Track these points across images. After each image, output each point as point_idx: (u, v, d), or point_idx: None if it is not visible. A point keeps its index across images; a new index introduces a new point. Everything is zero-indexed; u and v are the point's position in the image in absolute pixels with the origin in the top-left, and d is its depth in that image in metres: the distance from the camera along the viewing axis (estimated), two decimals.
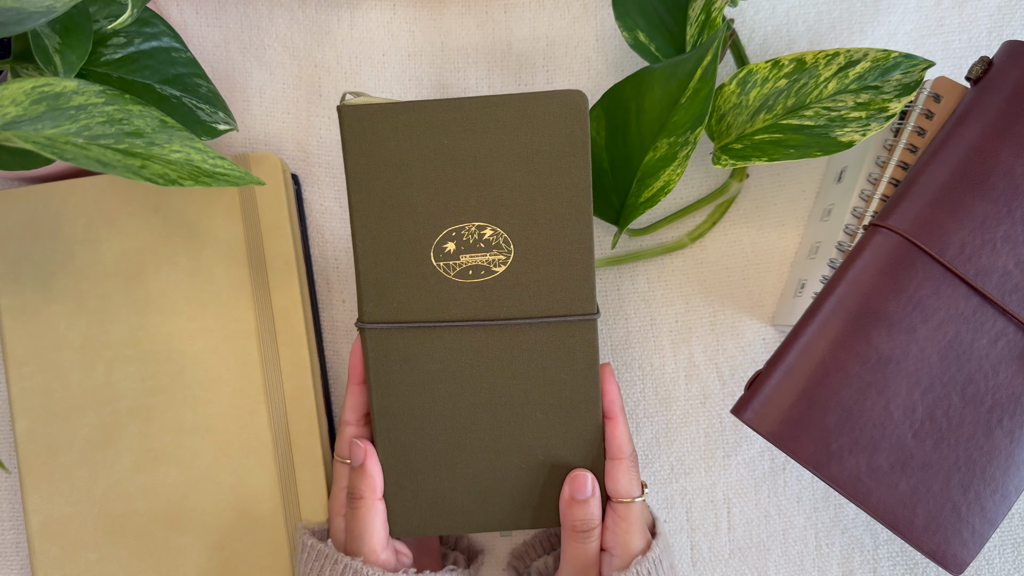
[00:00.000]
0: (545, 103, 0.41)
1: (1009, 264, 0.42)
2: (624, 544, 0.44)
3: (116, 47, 0.45)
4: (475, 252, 0.43)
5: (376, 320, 0.44)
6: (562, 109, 0.41)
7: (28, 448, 0.49)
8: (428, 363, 0.44)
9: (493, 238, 0.42)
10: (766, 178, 0.54)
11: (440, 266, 0.43)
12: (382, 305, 0.43)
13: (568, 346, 0.44)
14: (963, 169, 0.43)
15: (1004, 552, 0.52)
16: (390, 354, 0.44)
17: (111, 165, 0.35)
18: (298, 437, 0.50)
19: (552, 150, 0.41)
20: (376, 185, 0.42)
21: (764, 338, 0.53)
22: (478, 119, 0.41)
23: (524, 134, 0.41)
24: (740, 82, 0.47)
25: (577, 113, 0.41)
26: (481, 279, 0.43)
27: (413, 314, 0.43)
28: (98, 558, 0.49)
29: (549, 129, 0.41)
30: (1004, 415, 0.43)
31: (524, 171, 0.42)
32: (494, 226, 0.42)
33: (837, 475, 0.42)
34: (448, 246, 0.42)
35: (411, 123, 0.41)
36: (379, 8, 0.54)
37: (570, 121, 0.41)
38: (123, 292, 0.50)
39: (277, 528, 0.49)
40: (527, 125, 0.41)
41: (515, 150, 0.41)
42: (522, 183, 0.42)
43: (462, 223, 0.42)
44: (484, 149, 0.41)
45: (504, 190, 0.42)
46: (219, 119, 0.47)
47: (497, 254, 0.43)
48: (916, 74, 0.45)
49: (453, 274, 0.43)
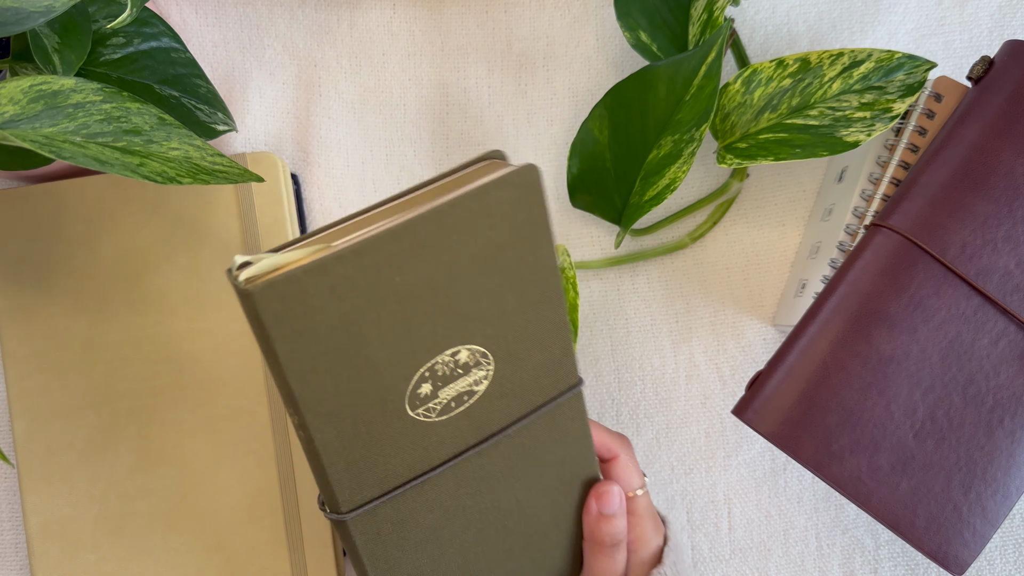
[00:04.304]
0: (497, 193, 0.33)
1: (1010, 264, 0.42)
2: (640, 538, 0.44)
3: (115, 47, 0.45)
4: (454, 382, 0.37)
5: (358, 504, 0.37)
6: (516, 192, 0.34)
7: (27, 448, 0.49)
8: (425, 515, 0.39)
9: (470, 359, 0.37)
10: (767, 178, 0.54)
11: (420, 414, 0.36)
12: (361, 486, 0.37)
13: (561, 426, 0.41)
14: (964, 169, 0.43)
15: (1005, 552, 0.52)
16: (381, 530, 0.39)
17: (109, 163, 0.35)
18: (297, 437, 0.50)
19: (514, 241, 0.35)
20: (321, 364, 0.33)
21: (765, 338, 0.53)
22: (430, 238, 0.33)
23: (482, 234, 0.34)
24: (745, 81, 0.47)
25: (533, 190, 0.34)
26: (466, 405, 0.37)
27: (400, 477, 0.37)
28: (97, 559, 0.49)
29: (507, 220, 0.34)
30: (1005, 415, 0.42)
31: (489, 275, 0.35)
32: (468, 346, 0.36)
33: (838, 475, 0.42)
34: (423, 389, 0.36)
35: (352, 275, 0.32)
36: (379, 7, 0.54)
37: (528, 202, 0.34)
38: (122, 292, 0.49)
39: (276, 529, 0.49)
40: (484, 224, 0.34)
41: (475, 256, 0.34)
42: (488, 288, 0.35)
43: (433, 358, 0.35)
44: (442, 269, 0.34)
45: (471, 304, 0.35)
46: (218, 119, 0.47)
47: (476, 372, 0.37)
48: (919, 75, 0.45)
49: (436, 415, 0.37)
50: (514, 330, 0.37)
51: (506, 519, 0.42)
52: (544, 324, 0.38)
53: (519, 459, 0.40)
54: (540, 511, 0.43)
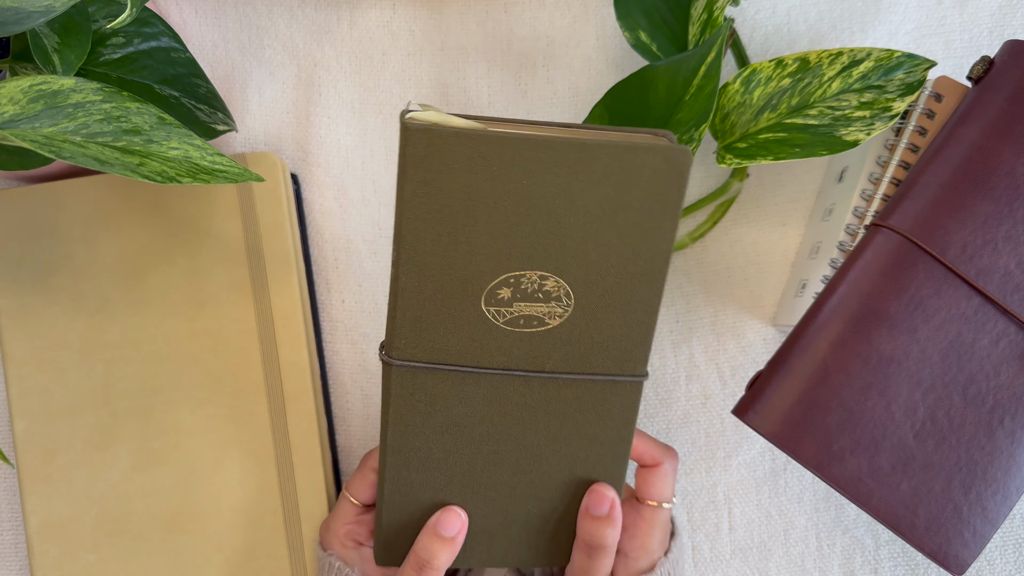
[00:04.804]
0: (646, 158, 0.36)
1: (1011, 264, 0.42)
2: (642, 547, 0.43)
3: (115, 47, 0.45)
4: (532, 302, 0.39)
5: (408, 359, 0.40)
6: (664, 166, 0.36)
7: (27, 449, 0.49)
8: (456, 407, 0.41)
9: (554, 290, 0.38)
10: (767, 177, 0.54)
11: (490, 311, 0.39)
12: (418, 344, 0.40)
13: (608, 405, 0.41)
14: (964, 169, 0.43)
15: (1006, 552, 0.52)
16: (415, 394, 0.41)
17: (109, 163, 0.35)
18: (297, 438, 0.50)
19: (641, 208, 0.37)
20: (434, 218, 0.37)
21: (765, 338, 0.53)
22: (568, 164, 0.36)
23: (614, 187, 0.36)
24: (744, 81, 0.47)
25: (678, 175, 0.36)
26: (532, 329, 0.39)
27: (450, 357, 0.40)
28: (97, 559, 0.49)
29: (643, 186, 0.36)
30: (1006, 415, 0.42)
31: (604, 225, 0.37)
32: (558, 278, 0.38)
33: (838, 476, 0.42)
34: (503, 292, 0.38)
35: (489, 157, 0.35)
36: (379, 7, 0.54)
37: (668, 182, 0.36)
38: (122, 292, 0.49)
39: (276, 529, 0.49)
40: (620, 178, 0.36)
41: (600, 203, 0.37)
42: (599, 238, 0.37)
43: (523, 270, 0.38)
44: (565, 197, 0.36)
45: (577, 242, 0.37)
46: (218, 119, 0.47)
47: (555, 307, 0.39)
48: (919, 74, 0.45)
49: (502, 321, 0.39)
50: (605, 288, 0.38)
51: (521, 458, 0.42)
52: (634, 301, 0.39)
53: (556, 413, 0.41)
54: (555, 472, 0.43)
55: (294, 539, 0.49)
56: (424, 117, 0.35)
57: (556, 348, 0.40)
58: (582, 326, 0.39)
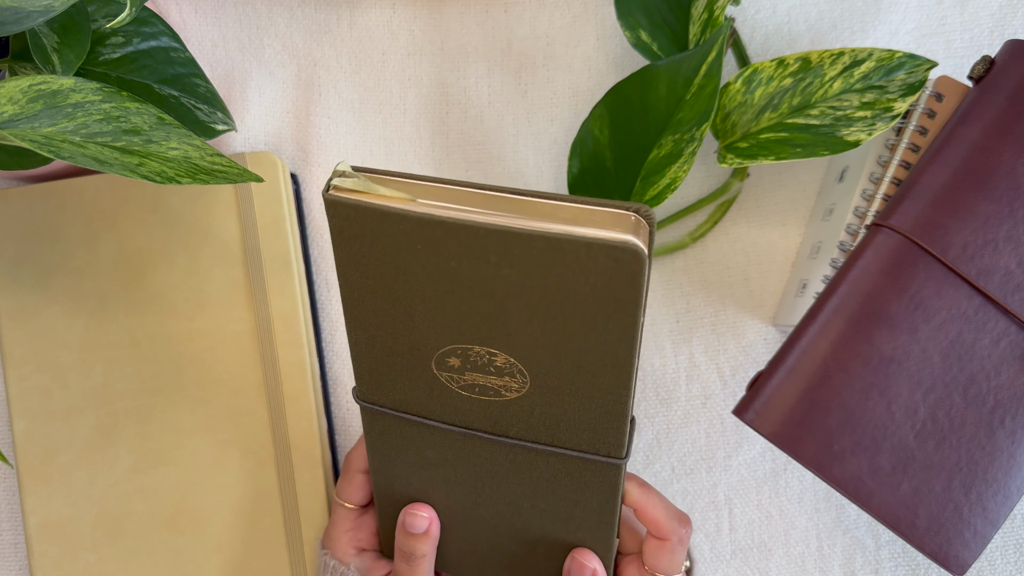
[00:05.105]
0: (585, 254, 0.30)
1: (1011, 264, 0.42)
2: None
3: (114, 47, 0.45)
4: (484, 374, 0.36)
5: (372, 402, 0.39)
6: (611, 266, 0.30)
7: (26, 449, 0.49)
8: (426, 450, 0.40)
9: (506, 366, 0.35)
10: (767, 177, 0.54)
11: (443, 376, 0.36)
12: (378, 392, 0.38)
13: (585, 478, 0.38)
14: (965, 169, 0.43)
15: (1006, 553, 0.52)
16: (385, 433, 0.40)
17: (108, 163, 0.35)
18: (297, 438, 0.49)
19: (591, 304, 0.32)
20: (370, 285, 0.34)
21: (766, 338, 0.53)
22: (493, 252, 0.31)
23: (553, 281, 0.31)
24: (745, 81, 0.47)
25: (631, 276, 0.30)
26: (489, 399, 0.36)
27: (411, 408, 0.38)
28: (96, 559, 0.49)
29: (590, 282, 0.31)
30: (1006, 416, 0.42)
31: (551, 315, 0.33)
32: (507, 355, 0.34)
33: (839, 476, 0.42)
34: (452, 361, 0.35)
35: (412, 236, 0.32)
36: (379, 7, 0.54)
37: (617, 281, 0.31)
38: (121, 292, 0.49)
39: (276, 529, 0.49)
40: (558, 272, 0.31)
41: (541, 294, 0.32)
42: (547, 326, 0.33)
43: (470, 344, 0.34)
44: (502, 283, 0.32)
45: (523, 326, 0.33)
46: (217, 119, 0.47)
47: (509, 381, 0.35)
48: (920, 74, 0.45)
49: (457, 386, 0.36)
50: (561, 372, 0.34)
51: (500, 505, 0.41)
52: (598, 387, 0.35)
53: (530, 474, 0.39)
54: (536, 525, 0.42)
55: (294, 539, 0.49)
56: (348, 186, 0.32)
57: (518, 418, 0.37)
58: (543, 404, 0.36)
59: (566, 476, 0.38)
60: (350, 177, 0.32)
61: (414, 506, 0.43)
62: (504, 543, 0.43)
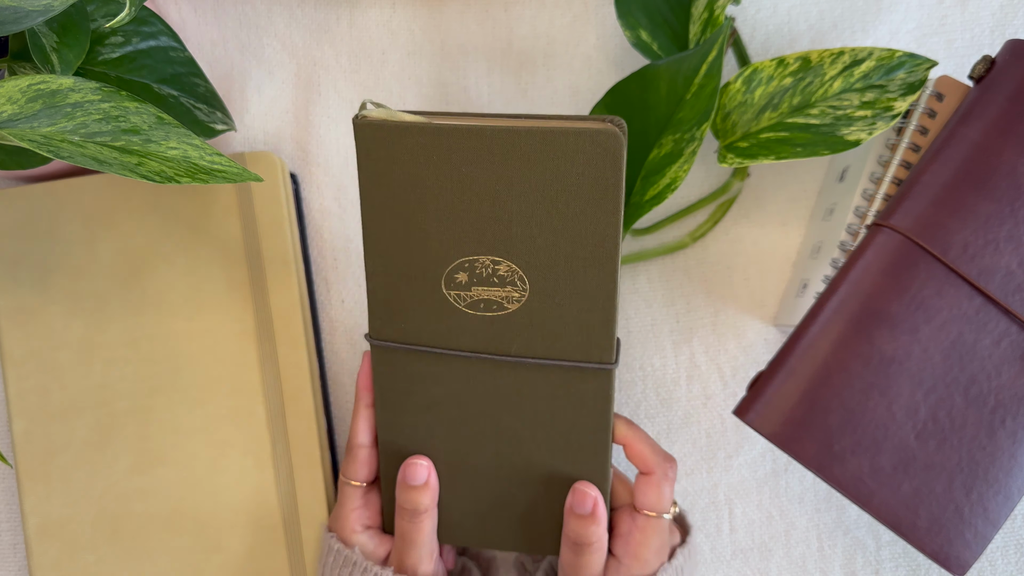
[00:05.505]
0: (575, 142, 0.37)
1: (1012, 264, 0.42)
2: (635, 556, 0.43)
3: (114, 46, 0.45)
4: (488, 286, 0.40)
5: (384, 338, 0.42)
6: (594, 150, 0.37)
7: (25, 449, 0.49)
8: (434, 387, 0.43)
9: (508, 275, 0.40)
10: (768, 177, 0.53)
11: (451, 295, 0.41)
12: (390, 325, 0.42)
13: (580, 392, 0.42)
14: (966, 168, 0.43)
15: (1007, 553, 0.52)
16: (396, 372, 0.43)
17: (108, 163, 0.35)
18: (296, 438, 0.49)
19: (580, 193, 0.38)
20: (389, 205, 0.39)
21: (766, 338, 0.53)
22: (499, 151, 0.37)
23: (550, 173, 0.38)
24: (745, 80, 0.47)
25: (612, 157, 0.37)
26: (493, 313, 0.41)
27: (421, 338, 0.42)
28: (96, 559, 0.49)
29: (578, 171, 0.37)
30: (1007, 416, 0.42)
31: (546, 211, 0.38)
32: (509, 262, 0.39)
33: (840, 476, 0.42)
34: (460, 276, 0.40)
35: (428, 147, 0.38)
36: (378, 6, 0.54)
37: (603, 165, 0.37)
38: (120, 292, 0.49)
39: (275, 529, 0.49)
40: (553, 164, 0.37)
41: (537, 188, 0.38)
42: (543, 222, 0.39)
43: (476, 255, 0.40)
44: (504, 183, 0.38)
45: (523, 227, 0.39)
46: (217, 119, 0.47)
47: (511, 291, 0.40)
48: (920, 73, 0.45)
49: (464, 305, 0.41)
50: (558, 272, 0.39)
51: (501, 442, 0.43)
52: (588, 285, 0.39)
53: (530, 397, 0.42)
54: (535, 459, 0.43)
55: (293, 539, 0.49)
56: (374, 115, 0.38)
57: (518, 332, 0.41)
58: (540, 311, 0.40)
59: (563, 393, 0.42)
60: (378, 108, 0.39)
61: (412, 457, 0.44)
62: (505, 490, 0.44)
